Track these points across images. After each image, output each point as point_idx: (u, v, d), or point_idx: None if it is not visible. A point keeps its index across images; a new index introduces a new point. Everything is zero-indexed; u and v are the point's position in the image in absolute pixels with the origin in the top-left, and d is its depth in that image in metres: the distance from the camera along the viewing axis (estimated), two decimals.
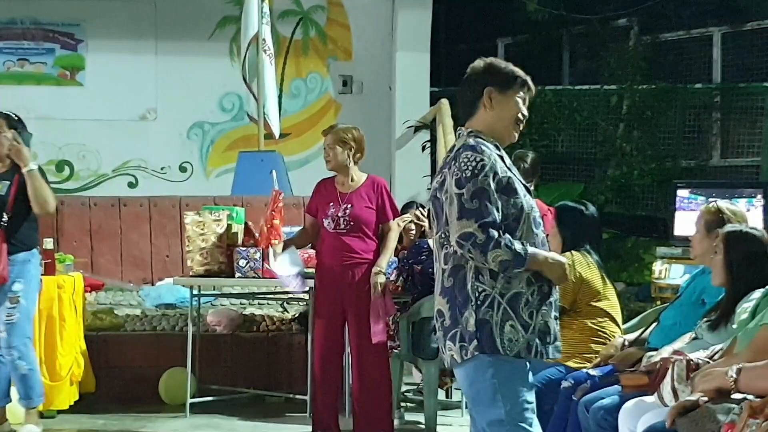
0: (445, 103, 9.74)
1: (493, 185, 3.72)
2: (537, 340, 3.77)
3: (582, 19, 12.25)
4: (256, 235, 7.08)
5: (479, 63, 3.96)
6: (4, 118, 6.24)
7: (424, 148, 11.07)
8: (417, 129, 11.15)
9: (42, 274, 6.40)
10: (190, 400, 7.00)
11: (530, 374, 3.86)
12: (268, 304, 8.34)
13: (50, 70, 12.20)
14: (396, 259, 6.96)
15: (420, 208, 7.19)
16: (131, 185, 12.41)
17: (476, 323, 3.72)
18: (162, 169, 12.50)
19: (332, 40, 12.40)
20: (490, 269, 3.73)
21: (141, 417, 7.01)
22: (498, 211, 3.73)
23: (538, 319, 3.78)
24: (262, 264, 6.84)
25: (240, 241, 7.07)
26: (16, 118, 6.32)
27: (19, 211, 6.06)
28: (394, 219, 6.42)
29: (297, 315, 7.90)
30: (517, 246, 3.71)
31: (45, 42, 12.18)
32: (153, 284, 8.63)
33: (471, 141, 3.83)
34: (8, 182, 6.09)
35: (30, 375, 6.11)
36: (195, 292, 7.24)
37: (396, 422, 6.60)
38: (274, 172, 8.07)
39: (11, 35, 12.09)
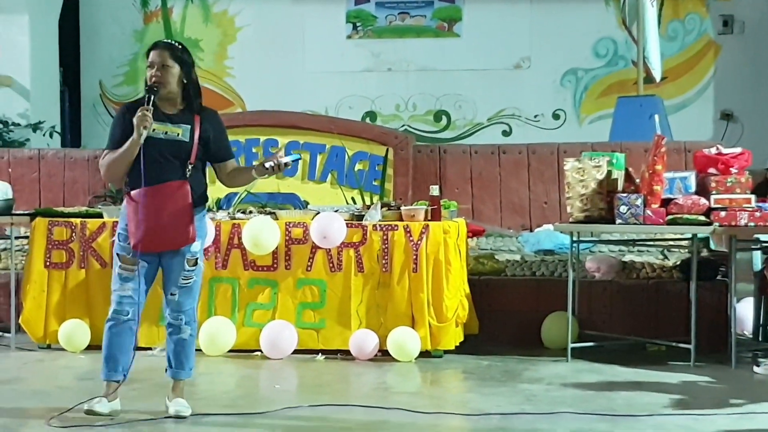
0: None
1: None
2: None
3: None
4: (637, 181, 7.01)
5: None
6: (167, 48, 5.25)
7: None
8: None
9: (427, 220, 6.31)
10: (570, 345, 7.06)
11: None
12: (648, 251, 8.23)
13: (429, 23, 12.61)
14: None
15: None
16: (505, 134, 12.63)
17: None
18: (535, 116, 12.62)
19: None
20: None
21: (523, 360, 7.12)
22: None
23: None
24: (644, 210, 6.77)
25: (620, 188, 7.02)
26: (180, 46, 5.28)
27: (200, 161, 5.27)
28: None
29: (678, 263, 7.71)
30: None
31: None
32: (531, 230, 8.74)
33: None
34: (189, 126, 5.21)
35: (190, 342, 5.44)
36: (574, 238, 7.26)
37: None
38: (656, 116, 7.92)
39: None
